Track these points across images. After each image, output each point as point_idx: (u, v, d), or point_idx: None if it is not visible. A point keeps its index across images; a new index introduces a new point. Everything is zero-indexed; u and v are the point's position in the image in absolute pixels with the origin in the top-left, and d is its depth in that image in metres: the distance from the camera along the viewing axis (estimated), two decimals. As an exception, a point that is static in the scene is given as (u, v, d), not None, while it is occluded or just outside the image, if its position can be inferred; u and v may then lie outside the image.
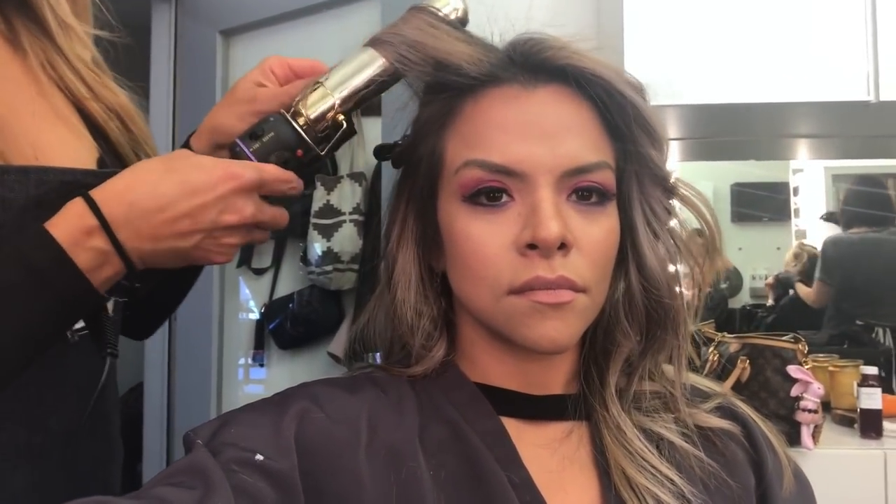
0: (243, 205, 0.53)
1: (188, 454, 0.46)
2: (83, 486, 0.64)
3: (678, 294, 0.54)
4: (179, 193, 0.51)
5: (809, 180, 2.40)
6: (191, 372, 1.85)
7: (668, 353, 0.55)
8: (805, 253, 2.27)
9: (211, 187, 0.52)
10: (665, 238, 0.54)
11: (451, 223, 0.51)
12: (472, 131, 0.51)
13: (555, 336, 0.48)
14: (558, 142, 0.49)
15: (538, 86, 0.51)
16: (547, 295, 0.47)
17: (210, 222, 0.52)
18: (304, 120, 0.56)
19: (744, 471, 0.55)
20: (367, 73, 0.56)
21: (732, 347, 1.43)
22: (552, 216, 0.47)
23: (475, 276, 0.50)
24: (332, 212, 1.75)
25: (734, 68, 1.39)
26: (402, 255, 0.56)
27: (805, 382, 1.33)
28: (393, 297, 0.55)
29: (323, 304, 1.85)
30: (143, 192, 0.51)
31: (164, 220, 0.51)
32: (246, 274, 2.00)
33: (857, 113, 1.45)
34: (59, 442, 0.61)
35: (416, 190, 0.56)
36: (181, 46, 1.86)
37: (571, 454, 0.53)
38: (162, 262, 0.54)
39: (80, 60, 0.67)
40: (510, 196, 0.49)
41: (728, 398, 0.59)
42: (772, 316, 2.27)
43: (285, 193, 0.56)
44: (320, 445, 0.48)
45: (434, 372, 0.55)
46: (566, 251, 0.48)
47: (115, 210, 0.51)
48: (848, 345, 2.02)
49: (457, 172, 0.51)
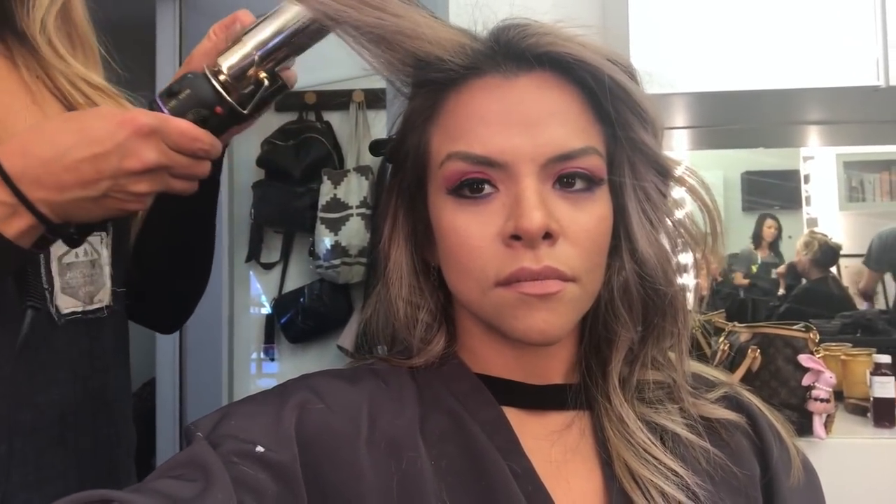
0: (144, 150, 0.51)
1: (188, 447, 0.47)
2: (86, 463, 0.67)
3: (675, 280, 0.53)
4: (77, 141, 0.51)
5: (820, 168, 2.37)
6: (202, 367, 1.86)
7: (670, 342, 0.55)
8: (816, 241, 2.25)
9: (109, 134, 0.51)
10: (661, 223, 0.53)
11: (439, 217, 0.51)
12: (455, 124, 0.50)
13: (544, 327, 0.47)
14: (540, 130, 0.48)
15: (520, 74, 0.50)
16: (533, 286, 0.47)
17: (113, 169, 0.51)
18: (224, 77, 0.55)
19: (749, 460, 0.54)
20: (288, 28, 0.55)
21: (743, 337, 1.42)
22: (535, 206, 0.46)
23: (462, 268, 0.50)
24: (339, 206, 1.75)
25: (742, 55, 1.37)
26: (394, 250, 0.55)
27: (816, 371, 1.32)
28: (387, 291, 0.55)
29: (332, 298, 1.86)
30: (41, 142, 0.51)
31: (63, 168, 0.51)
32: (255, 268, 2.01)
33: (868, 98, 1.43)
34: (53, 419, 0.64)
35: (405, 185, 0.55)
36: (186, 42, 1.87)
37: (573, 445, 0.52)
38: (76, 213, 0.53)
39: (80, 78, 0.70)
40: (494, 187, 0.49)
41: (734, 388, 0.59)
42: (784, 305, 2.25)
43: (195, 152, 0.54)
44: (321, 436, 0.48)
45: (435, 363, 0.54)
46: (552, 241, 0.47)
47: (15, 161, 0.50)
48: (861, 333, 2.00)
49: (441, 166, 0.50)
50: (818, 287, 2.22)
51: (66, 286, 0.66)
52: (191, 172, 0.55)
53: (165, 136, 0.52)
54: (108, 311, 0.71)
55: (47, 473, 0.63)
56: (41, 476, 0.63)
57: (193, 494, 0.42)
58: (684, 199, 0.55)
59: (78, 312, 0.67)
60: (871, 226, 2.33)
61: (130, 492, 0.41)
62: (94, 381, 0.69)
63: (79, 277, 0.67)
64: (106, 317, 0.70)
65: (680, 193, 0.55)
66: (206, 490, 0.42)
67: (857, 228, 2.35)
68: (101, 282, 0.70)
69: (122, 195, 0.53)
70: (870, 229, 2.32)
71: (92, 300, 0.69)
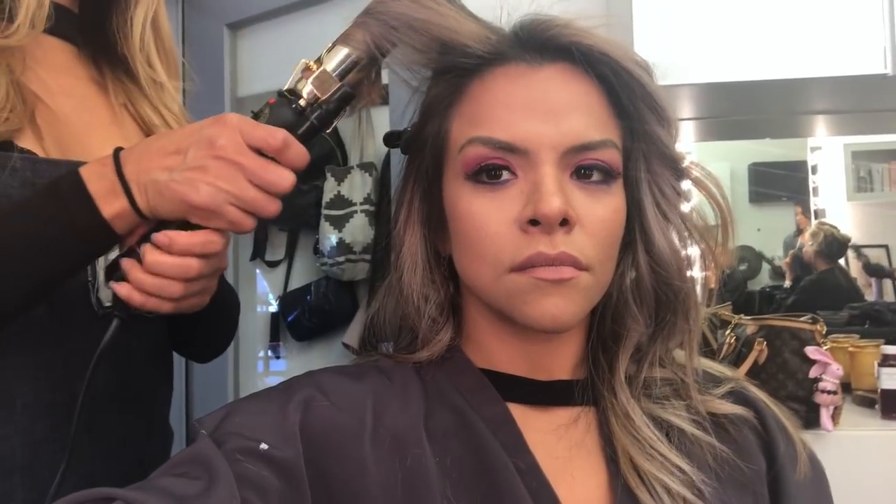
0: (221, 136, 0.51)
1: (192, 444, 0.47)
2: (115, 453, 0.70)
3: (689, 277, 0.53)
4: (182, 133, 0.54)
5: (828, 158, 2.36)
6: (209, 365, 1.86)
7: (680, 339, 0.55)
8: (822, 232, 2.23)
9: (199, 126, 0.53)
10: (675, 219, 0.53)
11: (455, 202, 0.51)
12: (478, 110, 0.51)
13: (556, 313, 0.47)
14: (563, 119, 0.48)
15: (544, 64, 0.50)
16: (548, 271, 0.47)
17: (189, 145, 0.52)
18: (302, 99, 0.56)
19: (755, 455, 0.54)
20: (344, 57, 0.55)
21: (749, 329, 1.41)
22: (554, 192, 0.47)
23: (477, 253, 0.50)
24: (343, 202, 1.75)
25: (747, 45, 1.36)
26: (409, 236, 0.55)
27: (823, 363, 1.31)
28: (399, 278, 0.55)
29: (337, 296, 1.86)
30: (159, 135, 0.56)
31: (157, 150, 0.53)
32: (260, 266, 2.01)
33: (875, 86, 1.42)
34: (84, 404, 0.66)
35: (422, 171, 0.55)
36: (188, 40, 1.87)
37: (579, 440, 0.52)
38: (156, 198, 0.53)
39: (164, 107, 0.76)
40: (513, 173, 0.49)
41: (740, 383, 0.58)
42: (792, 297, 2.24)
43: (276, 151, 0.53)
44: (325, 433, 0.48)
45: (439, 358, 0.54)
46: (569, 228, 0.47)
47: (131, 149, 0.55)
48: (869, 324, 1.99)
49: (461, 150, 0.50)
50: (826, 278, 2.21)
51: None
52: (265, 181, 0.53)
53: (247, 133, 0.52)
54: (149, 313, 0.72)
55: (76, 455, 0.65)
56: (70, 457, 0.65)
57: (197, 492, 0.42)
58: (690, 192, 0.55)
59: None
60: (880, 216, 2.31)
61: (134, 490, 0.42)
62: (126, 376, 0.71)
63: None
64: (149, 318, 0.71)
65: (687, 186, 0.55)
66: (209, 488, 0.42)
67: (865, 219, 2.33)
68: None
69: (183, 179, 0.51)
70: (878, 220, 2.30)
71: None
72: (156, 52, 0.77)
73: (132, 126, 0.74)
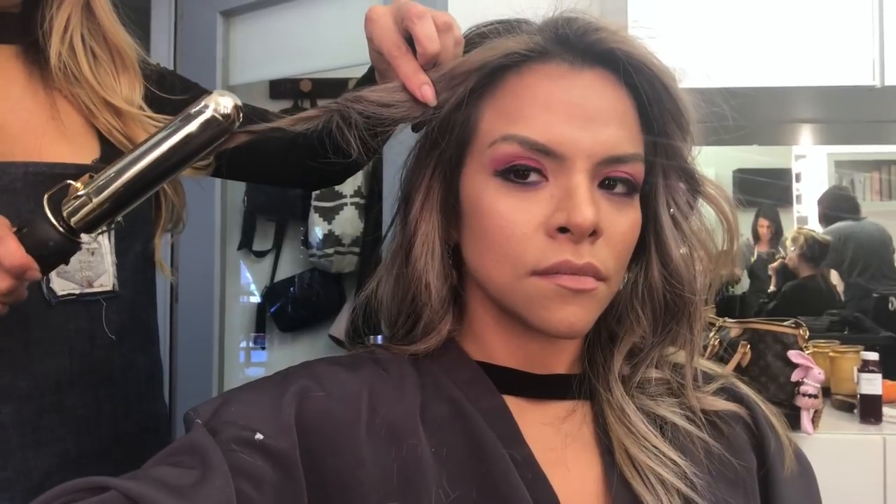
0: None
1: (187, 433, 0.46)
2: (87, 430, 0.72)
3: (697, 289, 0.54)
4: None
5: (812, 166, 2.39)
6: (192, 355, 1.85)
7: (679, 346, 0.55)
8: (802, 236, 2.26)
9: None
10: (688, 233, 0.54)
11: (479, 197, 0.50)
12: (514, 106, 0.49)
13: (573, 321, 0.48)
14: (600, 128, 0.48)
15: (585, 68, 0.49)
16: (572, 280, 0.47)
17: None
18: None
19: (747, 452, 0.55)
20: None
21: (733, 332, 1.43)
22: (588, 202, 0.46)
23: (498, 253, 0.49)
24: (333, 194, 1.75)
25: (737, 52, 1.38)
26: (426, 222, 0.53)
27: (805, 367, 1.33)
28: (413, 265, 0.53)
29: (324, 287, 1.86)
30: None
31: None
32: (247, 257, 2.00)
33: (862, 97, 1.44)
34: (50, 386, 0.70)
35: (445, 158, 0.53)
36: (182, 27, 1.85)
37: (574, 432, 0.53)
38: None
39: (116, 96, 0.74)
40: (543, 176, 0.48)
41: (730, 380, 0.59)
42: (773, 302, 2.27)
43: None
44: (321, 424, 0.47)
45: (436, 350, 0.54)
46: (594, 238, 0.47)
47: None
48: (849, 331, 2.02)
49: (491, 145, 0.49)
50: (808, 284, 2.24)
51: (62, 271, 0.70)
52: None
53: None
54: (112, 295, 0.75)
55: (45, 436, 0.69)
56: (38, 438, 0.69)
57: (191, 482, 0.42)
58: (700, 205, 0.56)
59: (74, 294, 0.72)
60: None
61: (128, 479, 0.41)
62: (93, 357, 0.73)
63: (75, 263, 0.71)
64: (111, 299, 0.75)
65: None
66: (203, 477, 0.42)
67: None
68: (102, 268, 0.74)
69: None
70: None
71: (91, 284, 0.73)
72: (80, 43, 0.73)
73: (77, 119, 0.73)
